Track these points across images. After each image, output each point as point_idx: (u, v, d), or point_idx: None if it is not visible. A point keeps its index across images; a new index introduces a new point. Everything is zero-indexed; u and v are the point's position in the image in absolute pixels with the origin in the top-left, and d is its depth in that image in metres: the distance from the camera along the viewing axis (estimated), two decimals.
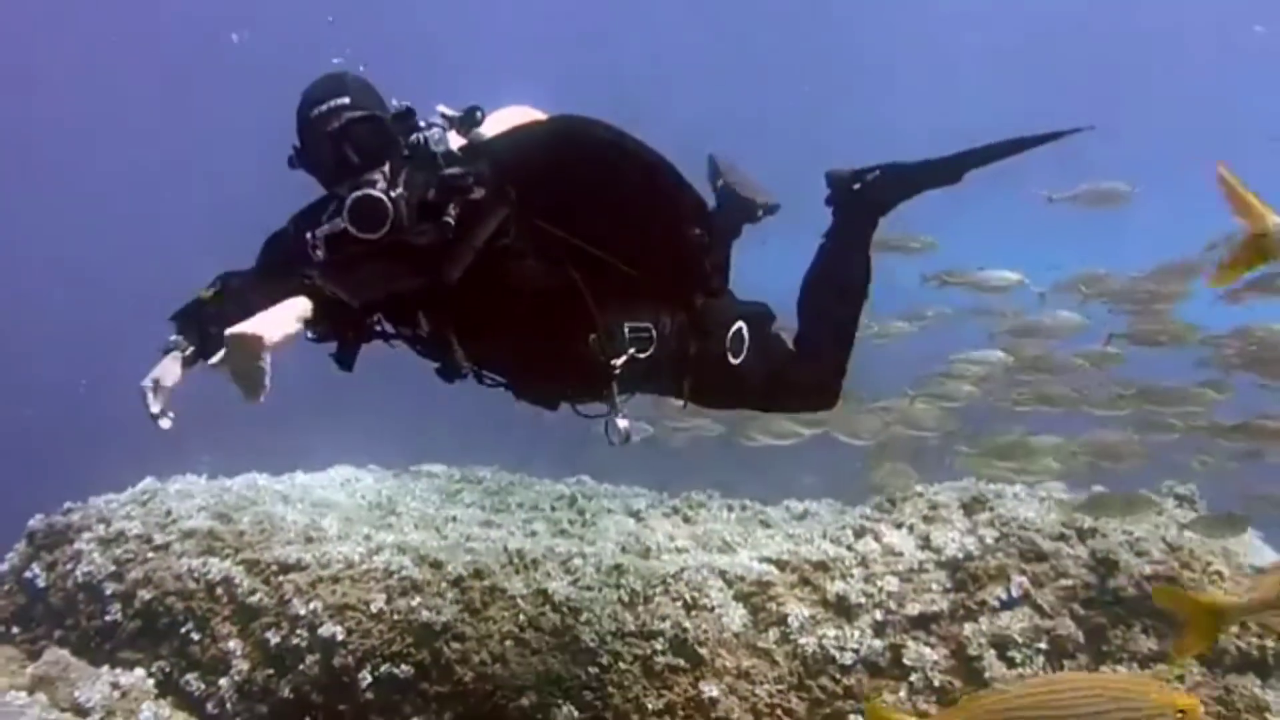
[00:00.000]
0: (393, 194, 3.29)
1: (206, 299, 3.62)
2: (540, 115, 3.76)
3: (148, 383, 3.35)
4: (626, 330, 3.61)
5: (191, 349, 3.48)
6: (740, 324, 3.92)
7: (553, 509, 6.54)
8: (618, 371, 3.62)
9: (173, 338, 3.50)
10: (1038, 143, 4.17)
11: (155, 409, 3.32)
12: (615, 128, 3.61)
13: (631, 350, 3.61)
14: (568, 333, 3.57)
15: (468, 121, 3.51)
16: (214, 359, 3.09)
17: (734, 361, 3.91)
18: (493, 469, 7.46)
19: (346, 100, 3.32)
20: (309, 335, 3.43)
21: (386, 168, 3.34)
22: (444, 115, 3.51)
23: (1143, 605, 4.85)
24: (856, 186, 4.39)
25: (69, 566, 5.57)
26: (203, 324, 3.56)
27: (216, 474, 6.52)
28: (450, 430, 9.94)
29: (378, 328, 3.57)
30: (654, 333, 3.66)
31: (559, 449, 8.50)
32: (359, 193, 3.25)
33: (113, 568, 5.45)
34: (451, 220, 3.26)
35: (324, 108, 3.30)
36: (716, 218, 4.06)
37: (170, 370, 3.41)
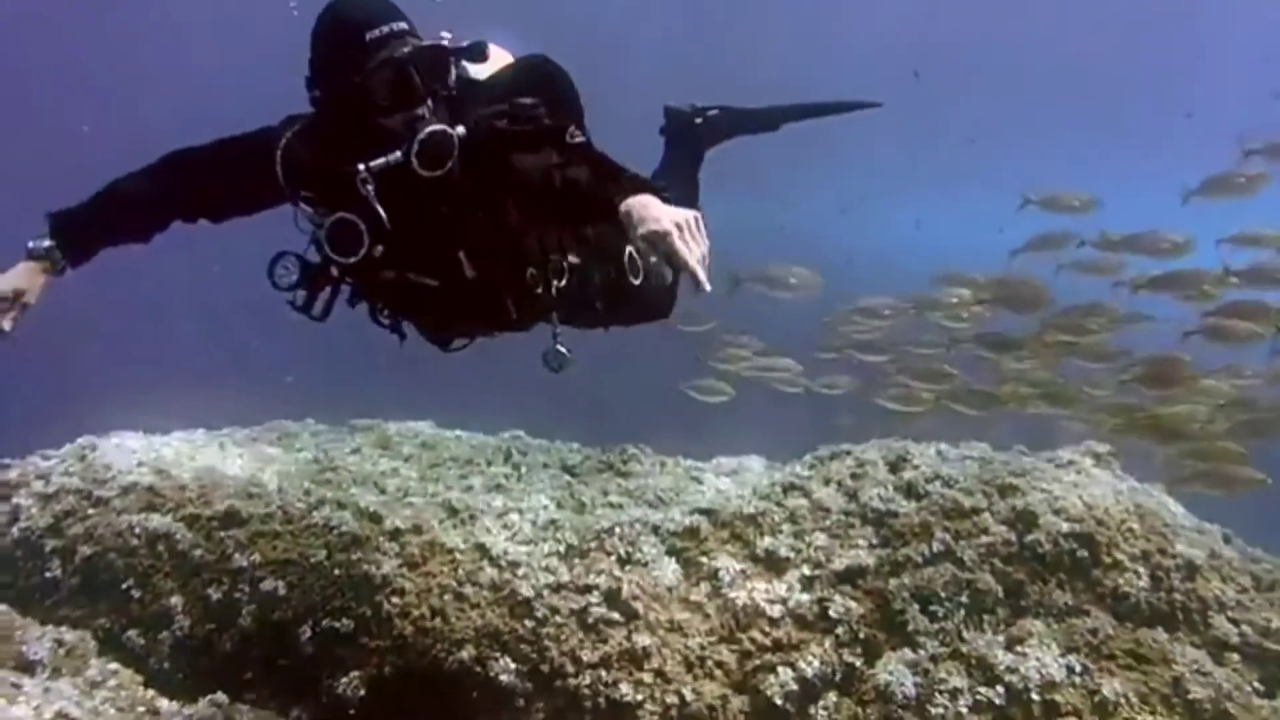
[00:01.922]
0: (455, 131, 3.21)
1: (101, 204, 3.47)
2: (505, 53, 3.74)
3: (4, 287, 3.19)
4: (552, 260, 3.67)
5: (64, 263, 3.32)
6: (630, 249, 4.01)
7: (488, 464, 6.62)
8: (555, 299, 3.70)
9: (46, 243, 3.30)
10: (840, 109, 4.92)
11: (6, 325, 3.18)
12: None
13: (555, 281, 3.67)
14: (519, 267, 3.61)
15: (475, 55, 3.40)
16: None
17: (635, 282, 4.04)
18: (429, 423, 7.51)
19: (407, 26, 3.22)
20: (277, 283, 3.44)
21: (430, 102, 3.24)
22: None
23: (1059, 561, 5.05)
24: (698, 121, 4.81)
25: (6, 522, 5.53)
26: (106, 229, 3.44)
27: (153, 431, 6.49)
28: (386, 384, 9.91)
29: (346, 278, 3.53)
30: (565, 262, 3.73)
31: (494, 403, 8.53)
32: (433, 128, 3.17)
33: (51, 523, 5.42)
34: (588, 141, 3.30)
35: (386, 29, 3.16)
36: None
37: (34, 284, 3.25)
